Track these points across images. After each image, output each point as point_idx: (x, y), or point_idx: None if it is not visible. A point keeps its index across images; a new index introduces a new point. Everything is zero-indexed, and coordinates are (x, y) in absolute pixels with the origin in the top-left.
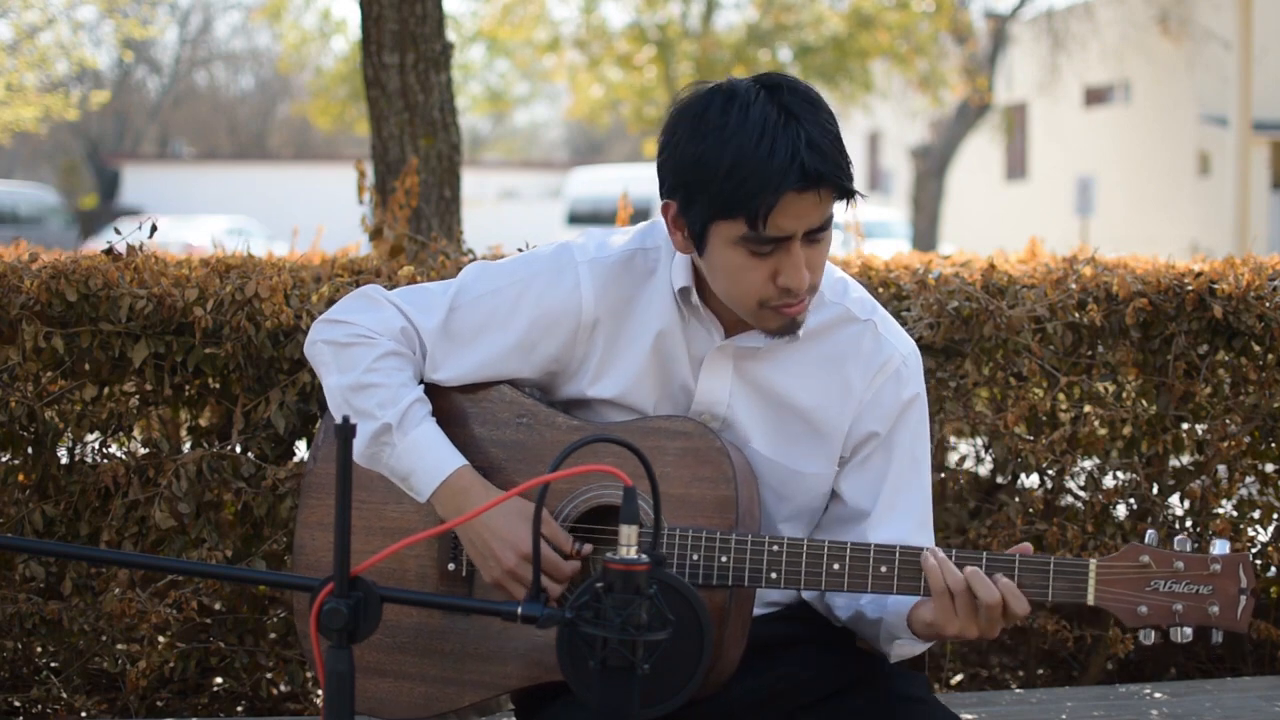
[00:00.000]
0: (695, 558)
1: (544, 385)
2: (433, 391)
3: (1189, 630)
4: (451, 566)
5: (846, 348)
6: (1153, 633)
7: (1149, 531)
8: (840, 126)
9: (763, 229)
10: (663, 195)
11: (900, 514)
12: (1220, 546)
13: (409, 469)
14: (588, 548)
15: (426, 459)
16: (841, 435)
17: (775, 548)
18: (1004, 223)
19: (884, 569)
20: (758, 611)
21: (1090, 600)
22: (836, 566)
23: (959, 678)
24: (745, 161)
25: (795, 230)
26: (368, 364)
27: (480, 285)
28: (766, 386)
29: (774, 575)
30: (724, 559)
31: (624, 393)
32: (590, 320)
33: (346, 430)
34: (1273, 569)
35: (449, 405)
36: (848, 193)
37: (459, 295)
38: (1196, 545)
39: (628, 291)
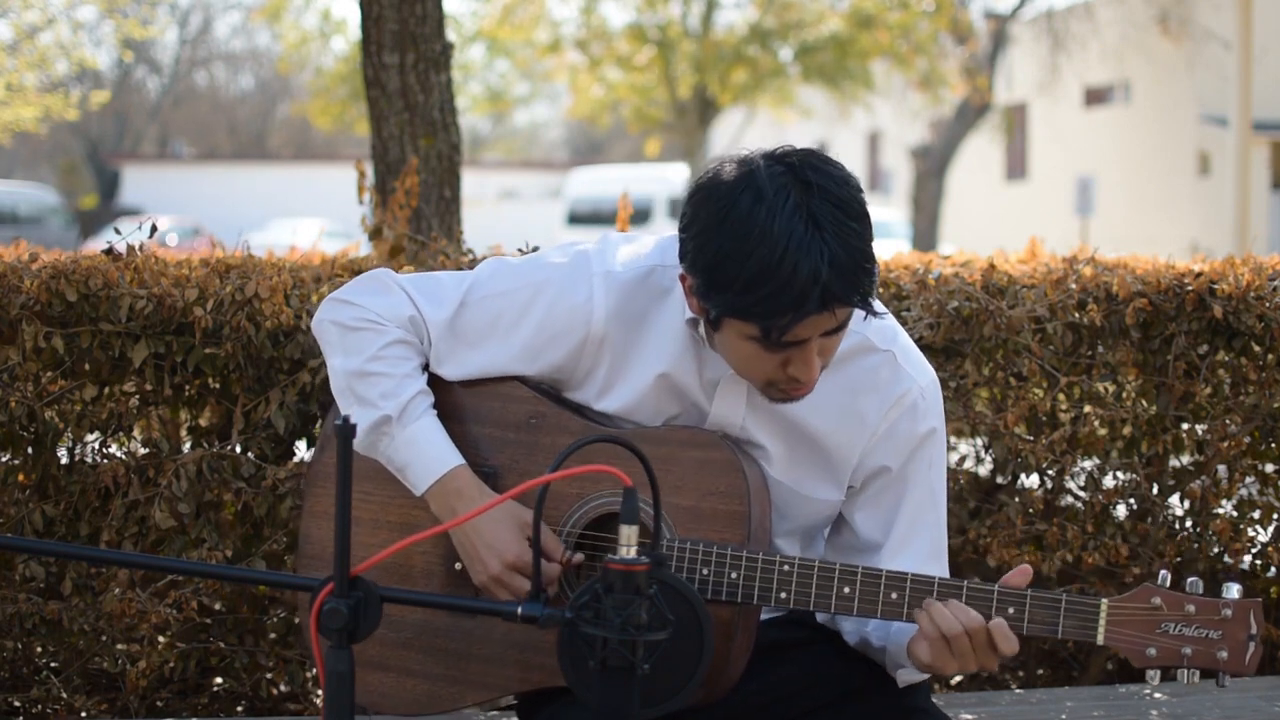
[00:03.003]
0: (705, 572)
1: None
2: (446, 388)
3: (1196, 673)
4: (458, 566)
5: (863, 378)
6: (1158, 675)
7: (1161, 572)
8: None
9: (778, 339)
10: (682, 264)
11: (914, 547)
12: (1231, 591)
13: (405, 462)
14: (579, 557)
15: (424, 455)
16: (851, 464)
17: (786, 567)
18: (1004, 223)
19: (894, 595)
20: (761, 614)
21: (1100, 640)
22: (847, 590)
23: (959, 678)
24: (767, 278)
25: (810, 336)
26: (373, 351)
27: (493, 284)
28: (781, 412)
29: (784, 595)
30: (734, 575)
31: (630, 409)
32: (599, 334)
33: (346, 430)
34: (1273, 569)
35: (461, 402)
36: (867, 307)
37: (471, 291)
38: (1197, 582)
39: (641, 308)
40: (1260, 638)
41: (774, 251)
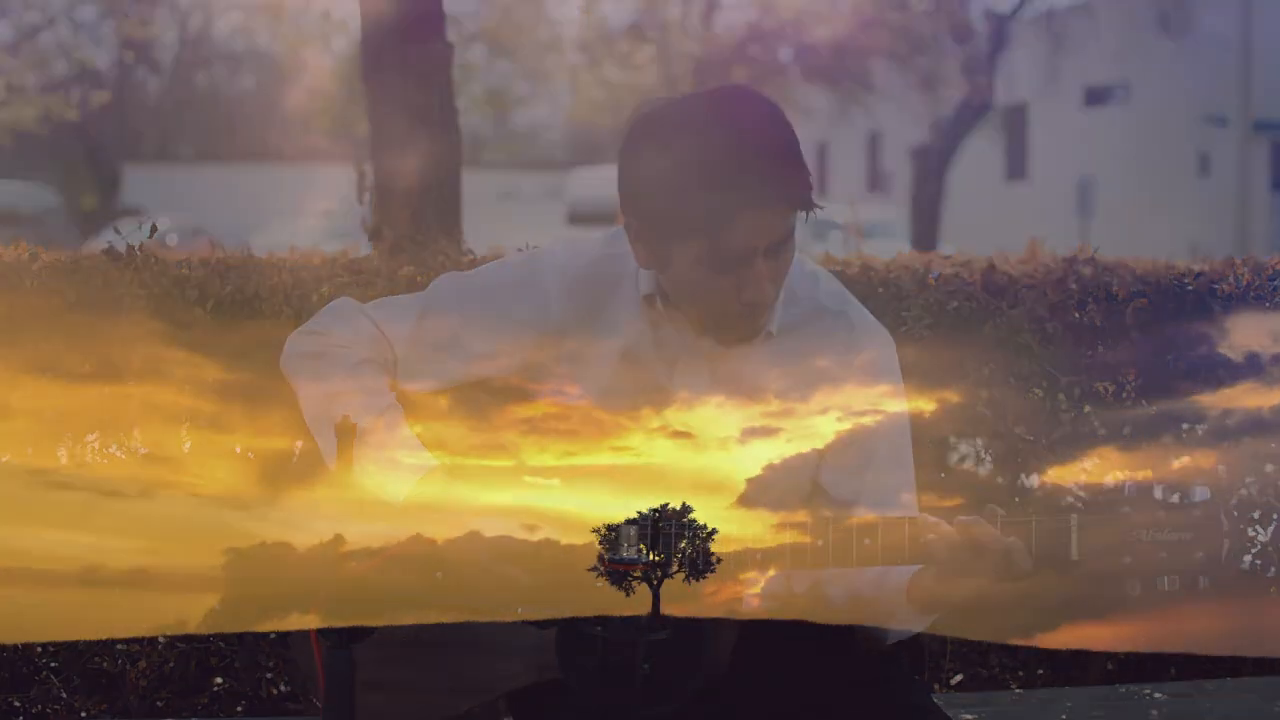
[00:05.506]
0: (689, 551)
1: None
2: (414, 401)
3: (1175, 577)
4: (439, 575)
5: (819, 341)
6: (1138, 584)
7: (1126, 484)
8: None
9: (721, 240)
10: (623, 211)
11: (887, 503)
12: (1200, 494)
13: (384, 474)
14: None
15: (401, 464)
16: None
17: None
18: (1004, 223)
19: (867, 541)
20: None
21: (1074, 554)
22: (820, 543)
23: (959, 678)
24: (701, 179)
25: (756, 245)
26: (342, 373)
27: (450, 294)
28: (743, 383)
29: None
30: (712, 548)
31: (596, 401)
32: (557, 330)
33: (347, 429)
34: (1273, 569)
35: (430, 413)
36: (806, 204)
37: (430, 304)
38: (1176, 495)
39: (595, 299)
40: (1231, 535)
41: (706, 152)
